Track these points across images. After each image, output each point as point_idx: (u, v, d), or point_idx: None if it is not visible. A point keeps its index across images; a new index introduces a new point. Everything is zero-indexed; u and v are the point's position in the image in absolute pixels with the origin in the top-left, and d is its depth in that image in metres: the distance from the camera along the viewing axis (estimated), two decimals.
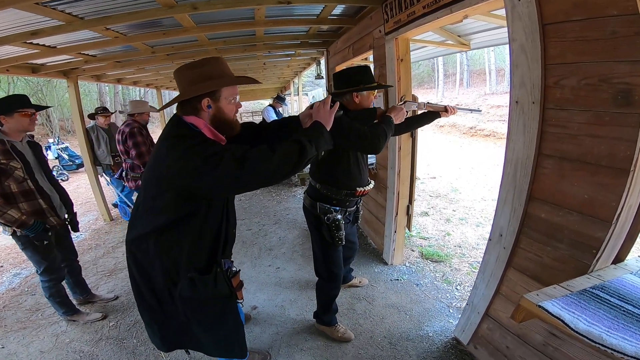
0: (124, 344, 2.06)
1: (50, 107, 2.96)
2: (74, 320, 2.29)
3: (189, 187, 1.05)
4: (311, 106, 1.37)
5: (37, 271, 2.09)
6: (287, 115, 1.96)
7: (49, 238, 2.00)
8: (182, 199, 1.09)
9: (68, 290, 2.33)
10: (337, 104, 1.30)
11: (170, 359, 1.90)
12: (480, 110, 2.17)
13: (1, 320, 2.38)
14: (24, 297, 2.67)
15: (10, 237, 1.95)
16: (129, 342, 2.06)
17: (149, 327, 1.36)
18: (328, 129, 1.21)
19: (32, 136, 2.14)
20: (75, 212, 2.23)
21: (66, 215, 2.16)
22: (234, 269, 1.39)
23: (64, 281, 2.22)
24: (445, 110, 1.92)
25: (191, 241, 1.17)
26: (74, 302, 2.38)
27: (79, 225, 2.28)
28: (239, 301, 1.43)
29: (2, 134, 1.86)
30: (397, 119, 1.70)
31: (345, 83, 1.68)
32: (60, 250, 2.20)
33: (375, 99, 1.82)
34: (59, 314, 2.29)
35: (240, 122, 1.32)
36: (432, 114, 1.95)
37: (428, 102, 1.93)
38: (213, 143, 1.09)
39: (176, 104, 1.17)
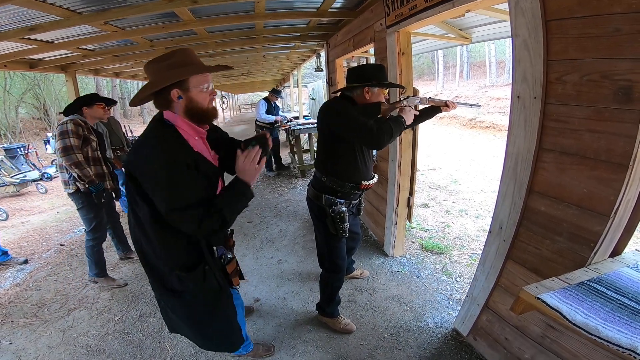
0: (129, 337, 2.09)
1: (115, 102, 2.95)
2: (101, 284, 2.68)
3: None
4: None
5: (85, 230, 2.55)
6: (282, 108, 1.90)
7: (104, 197, 2.48)
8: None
9: (112, 247, 3.12)
10: (264, 160, 1.21)
11: (175, 352, 1.94)
12: (480, 105, 2.18)
13: (8, 316, 2.40)
14: (29, 292, 2.69)
15: (71, 194, 2.42)
16: (135, 336, 2.10)
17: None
18: (251, 185, 1.20)
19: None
20: (120, 182, 2.87)
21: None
22: (229, 255, 1.38)
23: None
24: (445, 105, 1.93)
25: (182, 235, 1.18)
26: (117, 256, 3.11)
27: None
28: (234, 287, 1.44)
29: (84, 118, 2.44)
30: (408, 120, 1.70)
31: (358, 77, 1.69)
32: (107, 213, 2.69)
33: (386, 98, 1.82)
34: (91, 274, 2.69)
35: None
36: (433, 109, 1.96)
37: (430, 97, 1.93)
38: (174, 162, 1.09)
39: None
